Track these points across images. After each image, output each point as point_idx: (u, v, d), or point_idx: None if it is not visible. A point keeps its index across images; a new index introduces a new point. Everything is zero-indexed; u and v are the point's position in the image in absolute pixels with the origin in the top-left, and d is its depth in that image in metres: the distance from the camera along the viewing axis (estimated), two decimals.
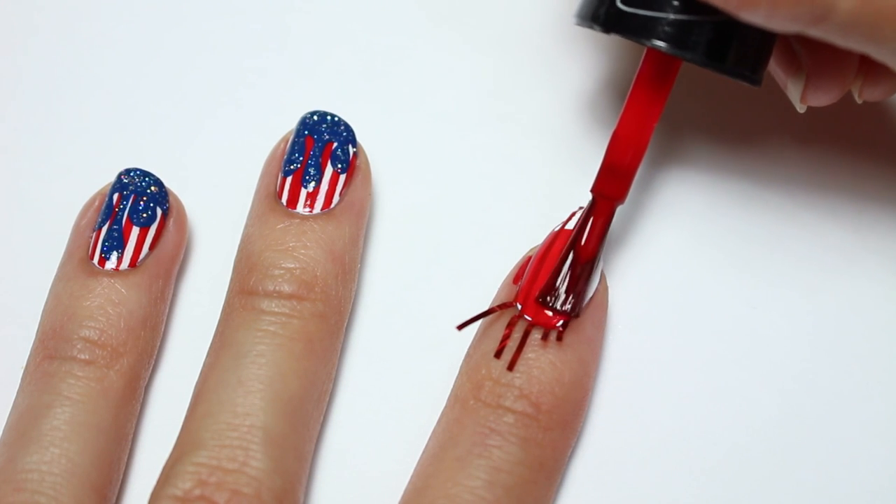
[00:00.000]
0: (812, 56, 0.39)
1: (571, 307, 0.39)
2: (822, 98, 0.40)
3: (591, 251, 0.39)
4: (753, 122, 0.44)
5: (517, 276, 0.40)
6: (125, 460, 0.40)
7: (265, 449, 0.37)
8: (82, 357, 0.39)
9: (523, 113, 0.45)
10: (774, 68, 0.40)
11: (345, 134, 0.42)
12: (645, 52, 0.38)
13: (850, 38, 0.35)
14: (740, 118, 0.45)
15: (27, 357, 0.40)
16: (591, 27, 0.37)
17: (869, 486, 0.40)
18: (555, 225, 0.41)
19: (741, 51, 0.37)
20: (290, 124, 0.42)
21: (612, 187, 0.39)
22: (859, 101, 0.40)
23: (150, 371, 0.41)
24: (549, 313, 0.39)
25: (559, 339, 0.38)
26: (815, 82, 0.39)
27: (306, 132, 0.42)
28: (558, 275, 0.39)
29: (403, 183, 0.44)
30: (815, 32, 0.35)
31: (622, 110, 0.39)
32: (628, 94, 0.39)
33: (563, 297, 0.39)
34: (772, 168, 0.44)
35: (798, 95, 0.40)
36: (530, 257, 0.40)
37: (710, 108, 0.45)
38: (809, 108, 0.41)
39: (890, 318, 0.42)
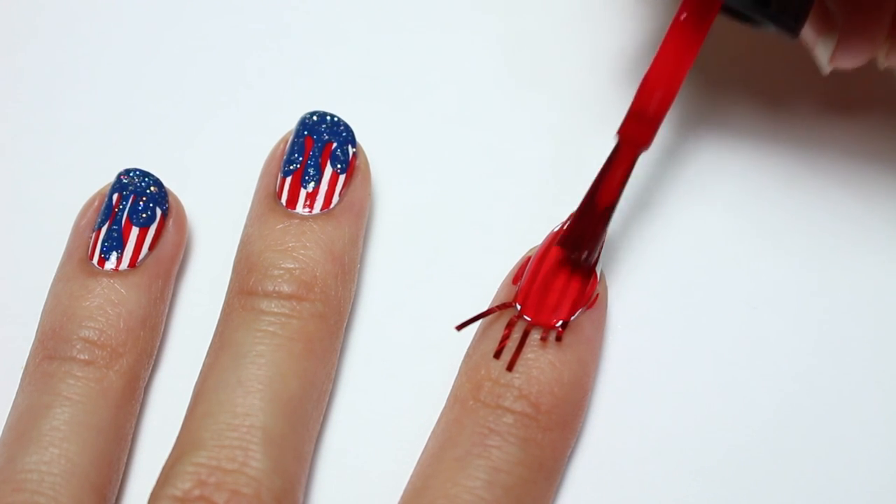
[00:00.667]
0: (847, 15, 0.39)
1: (588, 255, 0.39)
2: (851, 59, 0.39)
3: (611, 197, 0.39)
4: (754, 122, 0.44)
5: (516, 276, 0.40)
6: (125, 460, 0.40)
7: (265, 449, 0.37)
8: (82, 357, 0.39)
9: (523, 113, 0.45)
10: (805, 28, 0.40)
11: (344, 134, 0.42)
12: None
13: None
14: (742, 116, 0.45)
15: (27, 357, 0.40)
16: None
17: (869, 487, 0.40)
18: (555, 225, 0.41)
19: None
20: (290, 124, 0.42)
21: (638, 132, 0.38)
22: (881, 68, 0.40)
23: (149, 371, 0.41)
24: (549, 308, 0.39)
25: (558, 339, 0.38)
26: (845, 43, 0.39)
27: (306, 132, 0.42)
28: (580, 221, 0.39)
29: (403, 183, 0.44)
30: None
31: (656, 54, 0.38)
32: (663, 39, 0.38)
33: (583, 243, 0.39)
34: (772, 167, 0.44)
35: (827, 56, 0.40)
36: (530, 257, 0.40)
37: (710, 107, 0.45)
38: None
39: (892, 318, 0.42)
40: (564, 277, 0.40)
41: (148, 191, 0.41)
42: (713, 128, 0.45)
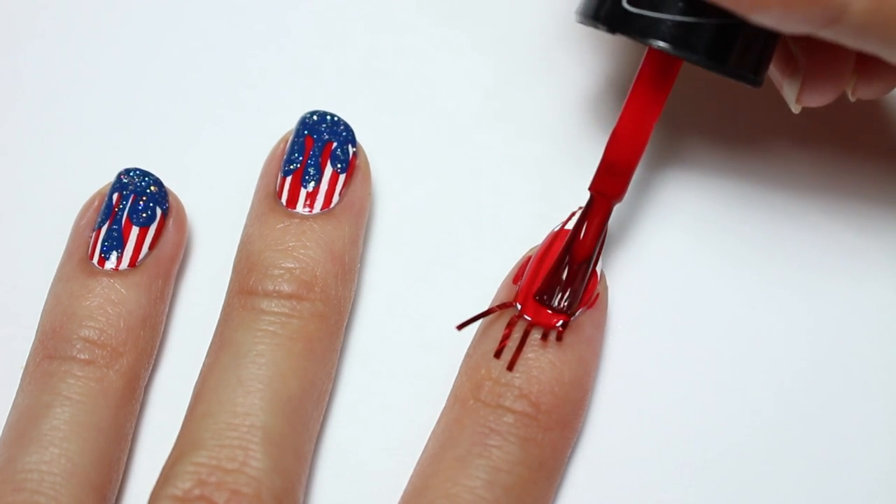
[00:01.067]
0: (809, 57, 0.39)
1: (567, 306, 0.39)
2: (818, 99, 0.40)
3: (588, 250, 0.39)
4: (753, 122, 0.44)
5: (517, 276, 0.40)
6: (125, 460, 0.40)
7: (265, 449, 0.37)
8: (82, 357, 0.39)
9: (523, 113, 0.45)
10: (771, 69, 0.40)
11: (344, 134, 0.42)
12: (646, 51, 0.39)
13: (863, 40, 0.35)
14: (741, 117, 0.45)
15: (27, 357, 0.40)
16: (595, 26, 0.37)
17: (868, 486, 0.40)
18: (554, 225, 0.41)
19: (744, 52, 0.37)
20: (290, 124, 0.42)
21: (610, 185, 0.39)
22: (852, 100, 0.40)
23: (149, 371, 0.41)
24: (548, 311, 0.39)
25: (559, 338, 0.38)
26: (811, 83, 0.39)
27: (306, 132, 0.42)
28: (555, 273, 0.39)
29: (403, 183, 0.44)
30: (826, 34, 0.35)
31: (622, 109, 0.39)
32: (628, 93, 0.39)
33: (558, 295, 0.39)
34: (772, 168, 0.44)
35: (794, 96, 0.40)
36: (530, 257, 0.40)
37: (709, 109, 0.45)
38: (807, 108, 0.41)
39: (888, 318, 0.42)
40: None
41: (148, 190, 0.41)
42: (715, 127, 0.45)
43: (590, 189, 0.39)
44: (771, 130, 0.44)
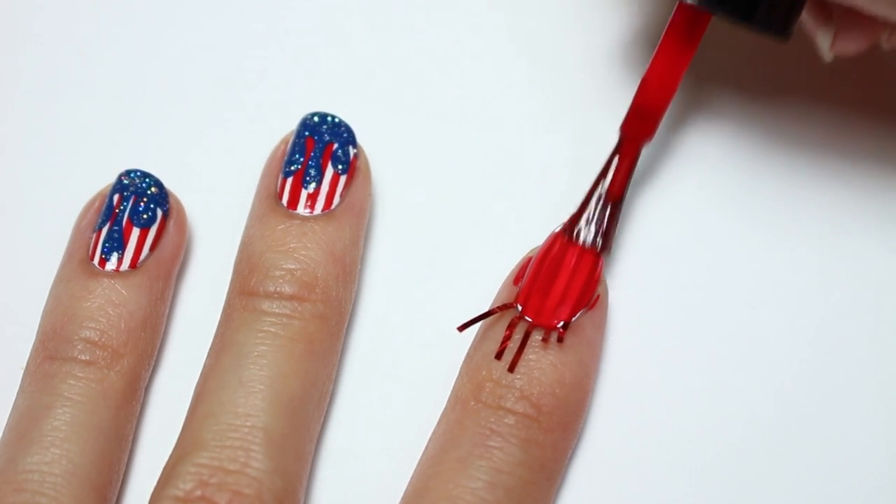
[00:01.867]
0: (843, 5, 0.39)
1: (602, 244, 0.40)
2: (851, 47, 0.40)
3: (619, 189, 0.40)
4: (754, 120, 0.44)
5: (517, 276, 0.40)
6: (126, 461, 0.40)
7: (266, 450, 0.37)
8: (83, 358, 0.39)
9: (523, 113, 0.45)
10: (804, 17, 0.41)
11: (345, 135, 0.42)
12: (676, 5, 0.39)
13: (879, 4, 0.36)
14: (741, 114, 0.45)
15: (27, 358, 0.40)
16: None
17: (868, 486, 0.40)
18: (556, 226, 0.41)
19: (772, 7, 0.38)
20: (291, 125, 0.42)
21: (639, 128, 0.40)
22: (886, 48, 0.40)
23: (150, 372, 0.41)
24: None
25: (560, 340, 0.39)
26: (844, 32, 0.40)
27: (307, 133, 0.42)
28: (584, 211, 0.40)
29: (403, 183, 0.44)
30: None
31: (651, 60, 0.40)
32: (657, 46, 0.40)
33: (592, 232, 0.40)
34: (771, 166, 0.44)
35: (827, 44, 0.40)
36: (531, 258, 0.40)
37: (710, 105, 0.45)
38: (838, 61, 0.41)
39: (890, 317, 0.42)
40: (566, 278, 0.40)
41: (149, 191, 0.41)
42: (712, 127, 0.45)
43: (620, 130, 0.40)
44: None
